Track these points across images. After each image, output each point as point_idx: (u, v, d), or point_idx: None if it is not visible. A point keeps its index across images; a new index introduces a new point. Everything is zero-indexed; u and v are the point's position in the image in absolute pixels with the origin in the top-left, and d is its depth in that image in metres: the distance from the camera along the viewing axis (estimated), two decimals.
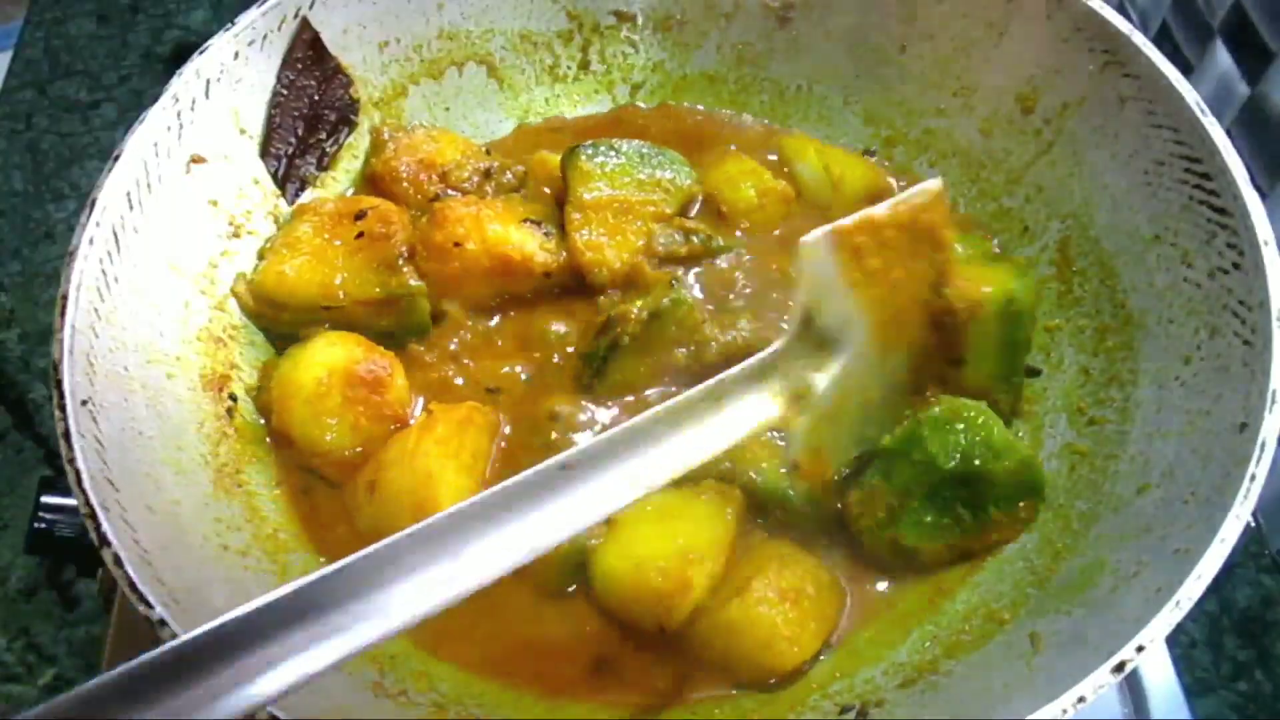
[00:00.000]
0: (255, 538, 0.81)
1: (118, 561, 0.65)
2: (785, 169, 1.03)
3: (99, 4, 1.55)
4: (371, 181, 1.01)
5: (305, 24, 0.95)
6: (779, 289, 0.95)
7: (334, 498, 0.86)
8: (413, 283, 0.91)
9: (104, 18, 1.53)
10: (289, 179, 0.97)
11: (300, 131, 0.98)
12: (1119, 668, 0.63)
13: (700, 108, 1.12)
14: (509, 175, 1.00)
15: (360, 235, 0.91)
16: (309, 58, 0.96)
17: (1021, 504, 0.81)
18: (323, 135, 1.00)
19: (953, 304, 0.80)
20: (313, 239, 0.92)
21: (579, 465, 0.62)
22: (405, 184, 0.98)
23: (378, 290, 0.90)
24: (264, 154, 0.95)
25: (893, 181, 1.04)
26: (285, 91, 0.95)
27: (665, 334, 0.89)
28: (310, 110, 0.98)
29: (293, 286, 0.90)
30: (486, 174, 0.99)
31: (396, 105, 1.05)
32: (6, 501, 1.12)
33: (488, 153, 1.02)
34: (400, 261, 0.91)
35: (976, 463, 0.78)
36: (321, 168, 1.00)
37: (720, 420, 0.69)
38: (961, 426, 0.79)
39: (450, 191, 0.98)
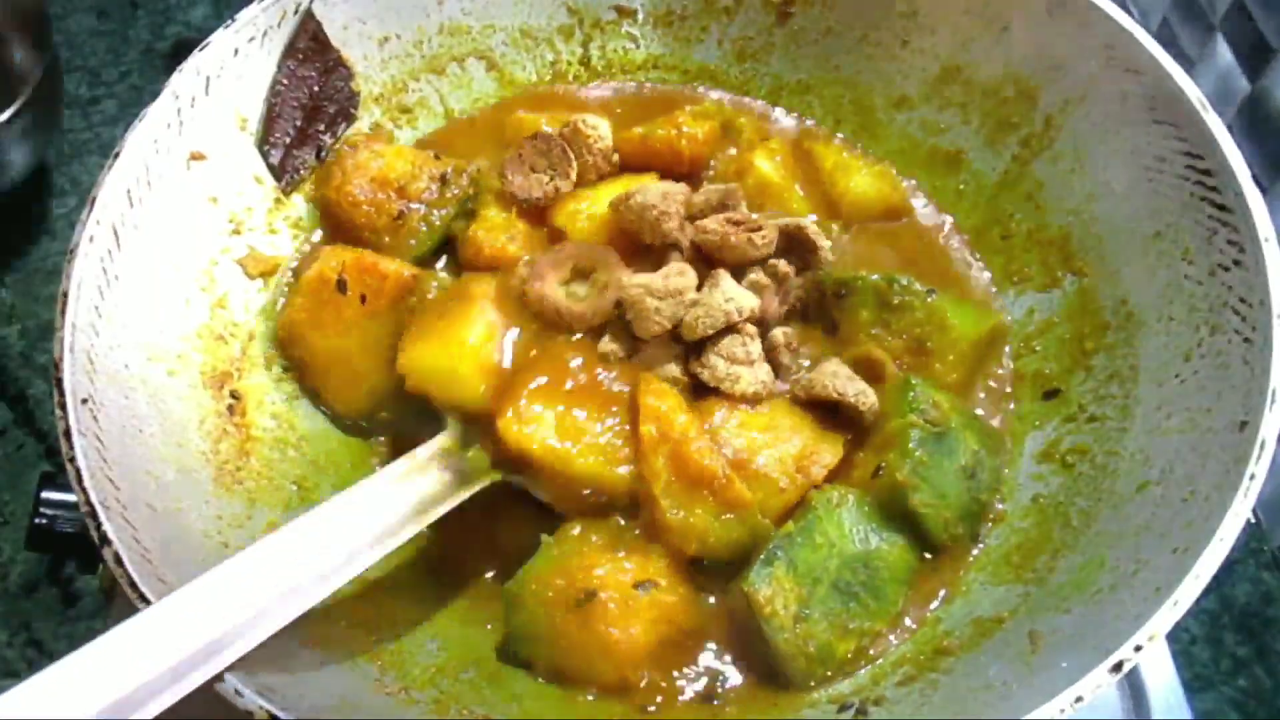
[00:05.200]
0: (256, 536, 0.81)
1: (118, 560, 0.66)
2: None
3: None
4: (327, 211, 0.97)
5: (310, 15, 0.95)
6: None
7: None
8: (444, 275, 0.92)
9: (104, 13, 1.52)
10: (286, 169, 0.97)
11: (299, 122, 0.97)
12: (1117, 667, 0.63)
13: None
14: (465, 176, 0.97)
15: (364, 299, 0.89)
16: (311, 48, 0.96)
17: (910, 589, 0.81)
18: (321, 127, 0.99)
19: None
20: (330, 338, 0.89)
21: None
22: (366, 207, 0.95)
23: None
24: (262, 143, 0.95)
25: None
26: (286, 81, 0.95)
27: None
28: (310, 101, 0.98)
29: (367, 387, 0.89)
30: (443, 180, 0.96)
31: (397, 100, 1.05)
32: (7, 497, 1.12)
33: (436, 157, 0.99)
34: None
35: (872, 541, 0.79)
36: (319, 160, 0.99)
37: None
38: (852, 505, 0.80)
39: (413, 205, 0.95)
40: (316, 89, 0.98)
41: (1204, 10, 1.22)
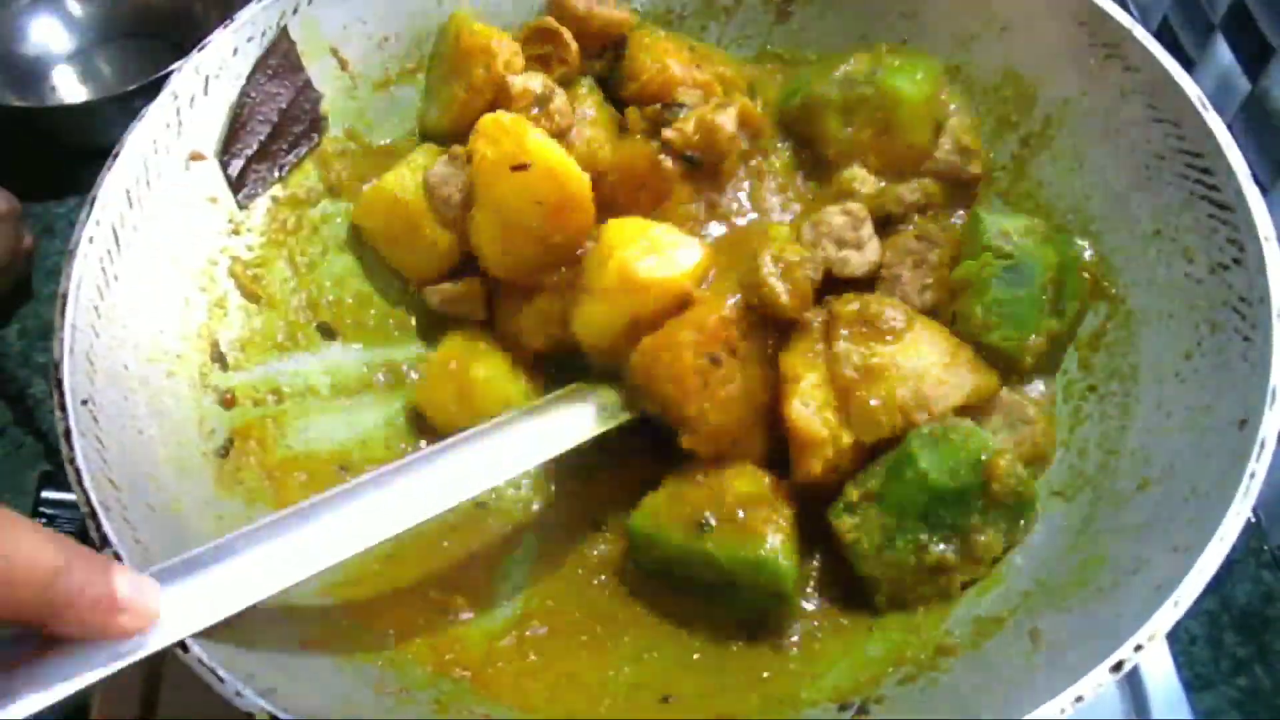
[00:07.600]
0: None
1: (118, 560, 0.65)
2: None
3: None
4: None
5: (285, 33, 0.94)
6: None
7: None
8: None
9: None
10: (244, 182, 0.94)
11: (263, 137, 0.95)
12: (1117, 667, 0.63)
13: None
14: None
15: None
16: (282, 66, 0.95)
17: (1006, 526, 0.79)
18: (284, 146, 0.97)
19: None
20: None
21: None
22: None
23: None
24: (223, 153, 0.92)
25: None
26: (254, 95, 0.93)
27: None
28: (277, 118, 0.96)
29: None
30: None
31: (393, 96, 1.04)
32: (7, 497, 1.12)
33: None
34: None
35: (966, 479, 0.77)
36: (278, 178, 0.97)
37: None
38: (952, 441, 0.78)
39: None
40: (285, 106, 0.96)
41: (1204, 10, 1.22)
